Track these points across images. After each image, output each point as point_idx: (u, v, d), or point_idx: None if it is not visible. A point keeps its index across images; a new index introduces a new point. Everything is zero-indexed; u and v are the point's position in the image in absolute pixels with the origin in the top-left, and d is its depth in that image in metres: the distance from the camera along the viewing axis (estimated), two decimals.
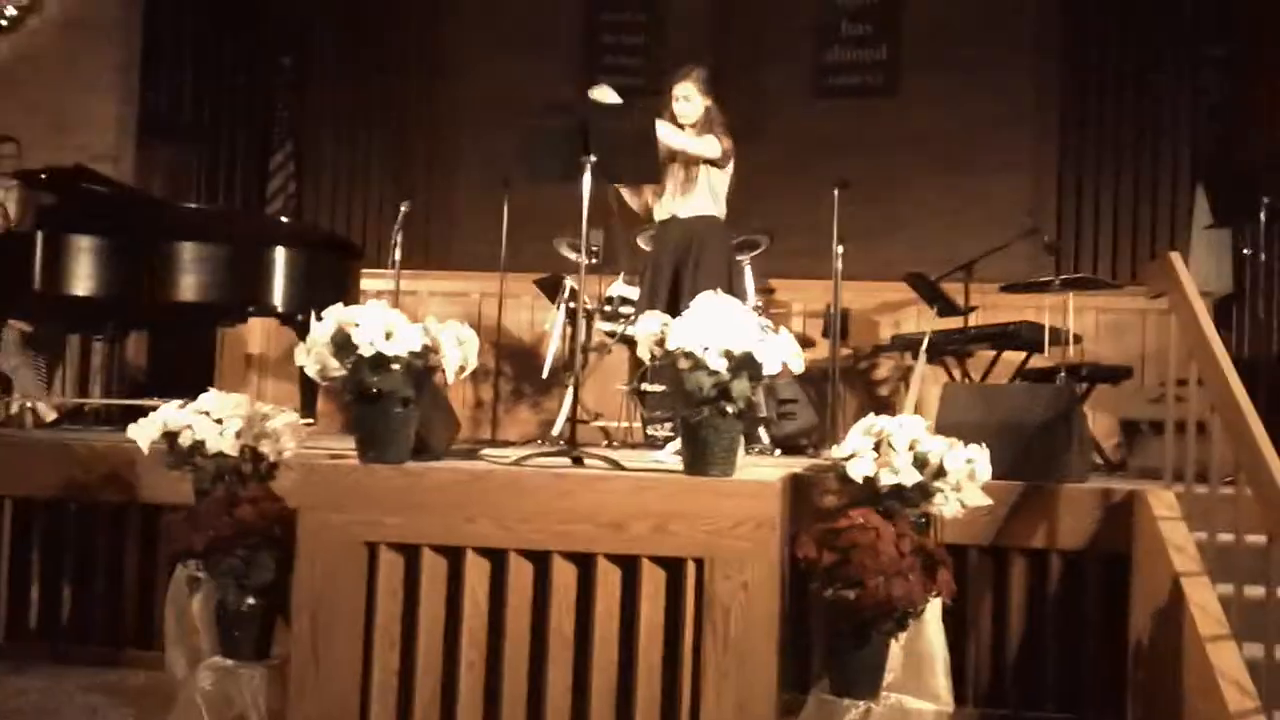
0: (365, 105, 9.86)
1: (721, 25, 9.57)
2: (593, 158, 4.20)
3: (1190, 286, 4.05)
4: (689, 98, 5.20)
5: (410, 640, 3.52)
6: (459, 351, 3.61)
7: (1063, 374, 5.90)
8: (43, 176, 5.90)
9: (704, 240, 5.15)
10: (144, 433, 3.98)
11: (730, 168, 5.27)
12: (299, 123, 9.76)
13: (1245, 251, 5.99)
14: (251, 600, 3.67)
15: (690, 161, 5.18)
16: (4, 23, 7.74)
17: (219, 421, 3.90)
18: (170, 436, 3.93)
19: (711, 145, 5.13)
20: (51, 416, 5.90)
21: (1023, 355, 6.35)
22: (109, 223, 5.65)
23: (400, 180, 9.69)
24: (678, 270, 5.14)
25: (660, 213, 5.29)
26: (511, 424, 7.29)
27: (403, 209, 6.71)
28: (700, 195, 5.20)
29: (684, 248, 5.16)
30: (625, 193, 5.37)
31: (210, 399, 3.97)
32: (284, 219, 8.31)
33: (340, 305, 3.64)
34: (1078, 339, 6.40)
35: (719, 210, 5.26)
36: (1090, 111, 8.98)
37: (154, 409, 4.06)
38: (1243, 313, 7.45)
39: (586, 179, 4.20)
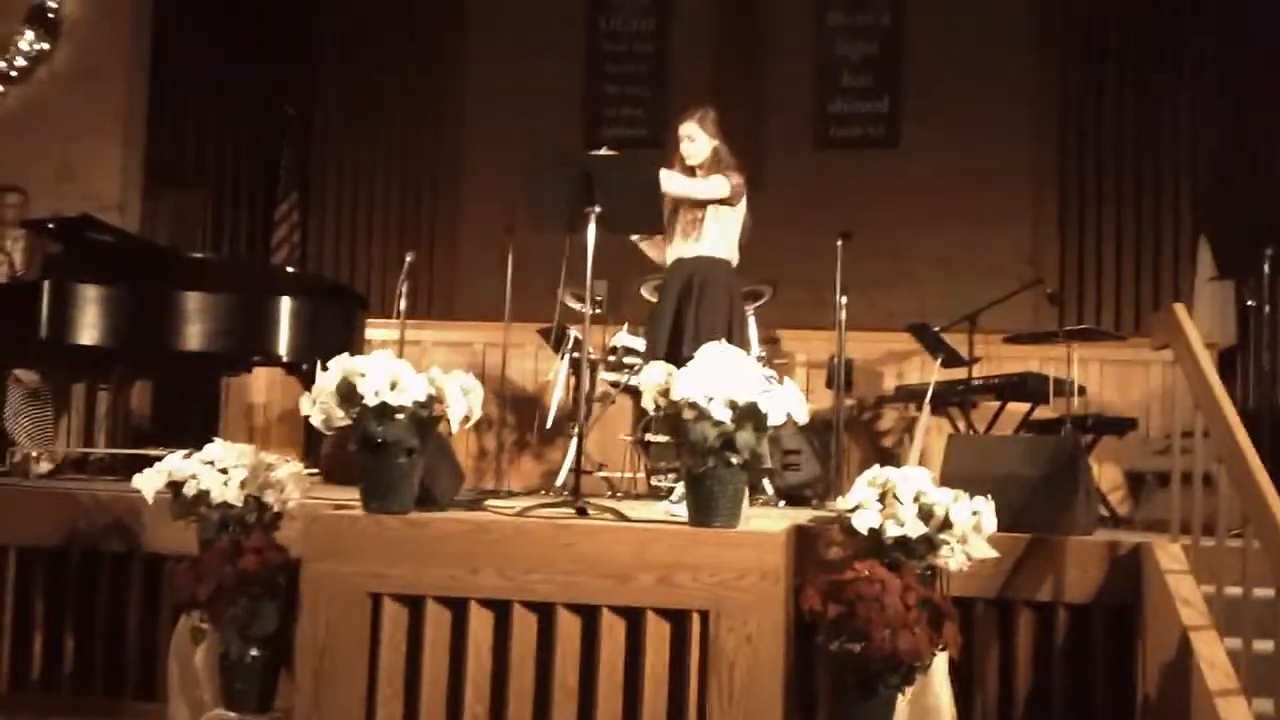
0: (370, 155, 9.95)
1: (724, 77, 9.65)
2: (597, 208, 4.23)
3: (1195, 338, 4.06)
4: (693, 137, 5.08)
5: (414, 691, 3.50)
6: (464, 401, 3.62)
7: (1068, 425, 5.89)
8: (50, 226, 5.93)
9: (705, 279, 5.00)
10: (149, 482, 3.98)
11: (743, 207, 5.14)
12: (304, 172, 9.84)
13: (1249, 303, 6.00)
14: (255, 651, 3.65)
15: (697, 204, 5.04)
16: (14, 74, 7.82)
17: (224, 471, 3.90)
18: (175, 486, 3.93)
19: (718, 186, 5.00)
20: (48, 468, 5.90)
21: (1027, 406, 6.34)
22: (115, 272, 5.68)
23: (405, 230, 9.75)
24: (679, 311, 5.00)
25: (669, 257, 5.15)
26: (515, 474, 7.27)
27: (408, 259, 6.74)
28: (707, 238, 5.04)
29: (685, 288, 5.01)
30: (645, 245, 5.30)
31: (215, 449, 3.97)
32: (289, 268, 8.34)
33: (345, 355, 3.66)
34: (1082, 390, 6.40)
35: (728, 252, 5.13)
36: (1090, 162, 9.04)
37: (159, 458, 4.06)
38: (1247, 364, 7.46)
39: (591, 230, 4.23)
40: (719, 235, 5.07)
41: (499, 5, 9.92)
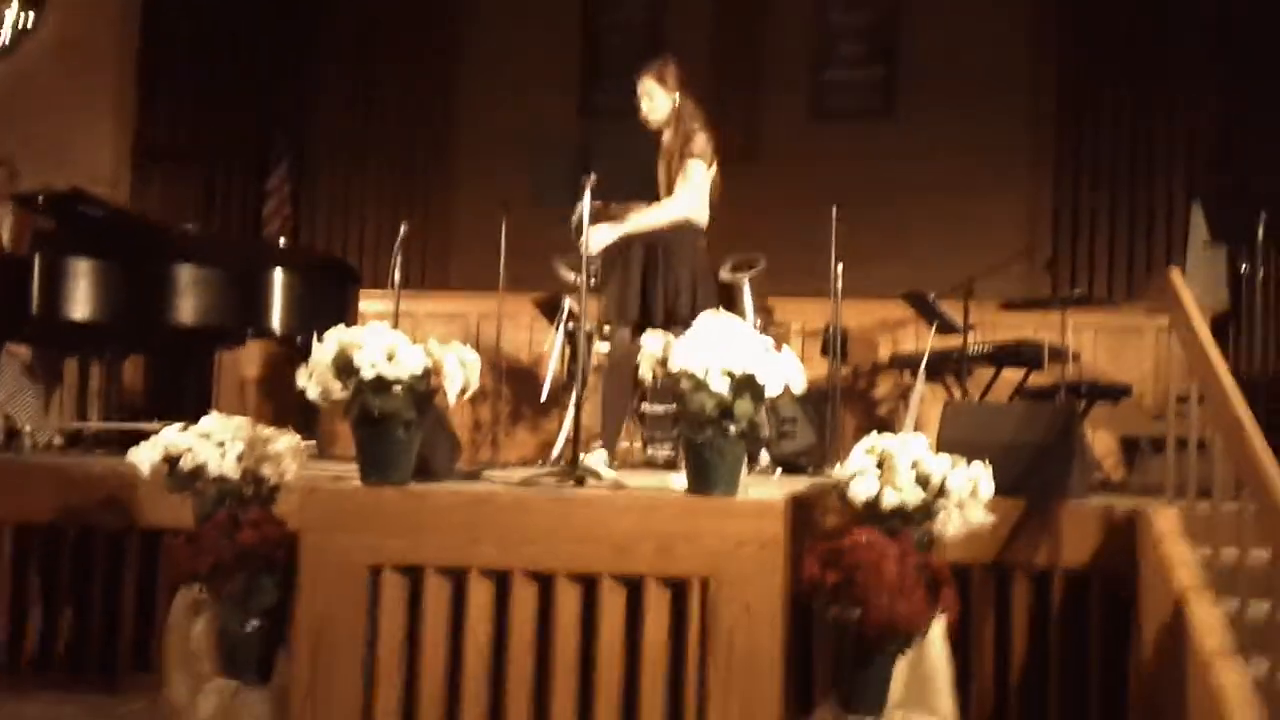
0: (363, 127, 9.89)
1: (719, 46, 9.61)
2: (593, 176, 4.21)
3: (1191, 303, 4.06)
4: (651, 94, 4.94)
5: (413, 662, 3.51)
6: (462, 373, 3.61)
7: (1062, 392, 5.90)
8: (39, 200, 5.89)
9: (669, 246, 4.89)
10: (145, 456, 3.97)
11: (714, 168, 5.00)
12: (297, 145, 9.79)
13: (1242, 269, 6.00)
14: (254, 623, 3.66)
15: (670, 168, 4.90)
16: None
17: (220, 444, 3.89)
18: (171, 460, 3.92)
19: (670, 208, 4.85)
20: (53, 440, 5.88)
21: (1022, 373, 6.36)
22: (106, 246, 5.65)
23: (398, 202, 9.71)
24: (645, 277, 4.89)
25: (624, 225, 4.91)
26: (511, 446, 7.27)
27: (402, 230, 6.70)
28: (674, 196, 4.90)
29: (650, 255, 4.89)
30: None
31: (212, 422, 3.96)
32: (281, 241, 8.31)
33: (340, 327, 3.65)
34: (1076, 357, 6.41)
35: (697, 213, 5.00)
36: (1086, 130, 9.02)
37: (154, 432, 4.05)
38: (1240, 330, 7.47)
39: (586, 197, 4.21)
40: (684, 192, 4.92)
41: None
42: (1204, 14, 8.68)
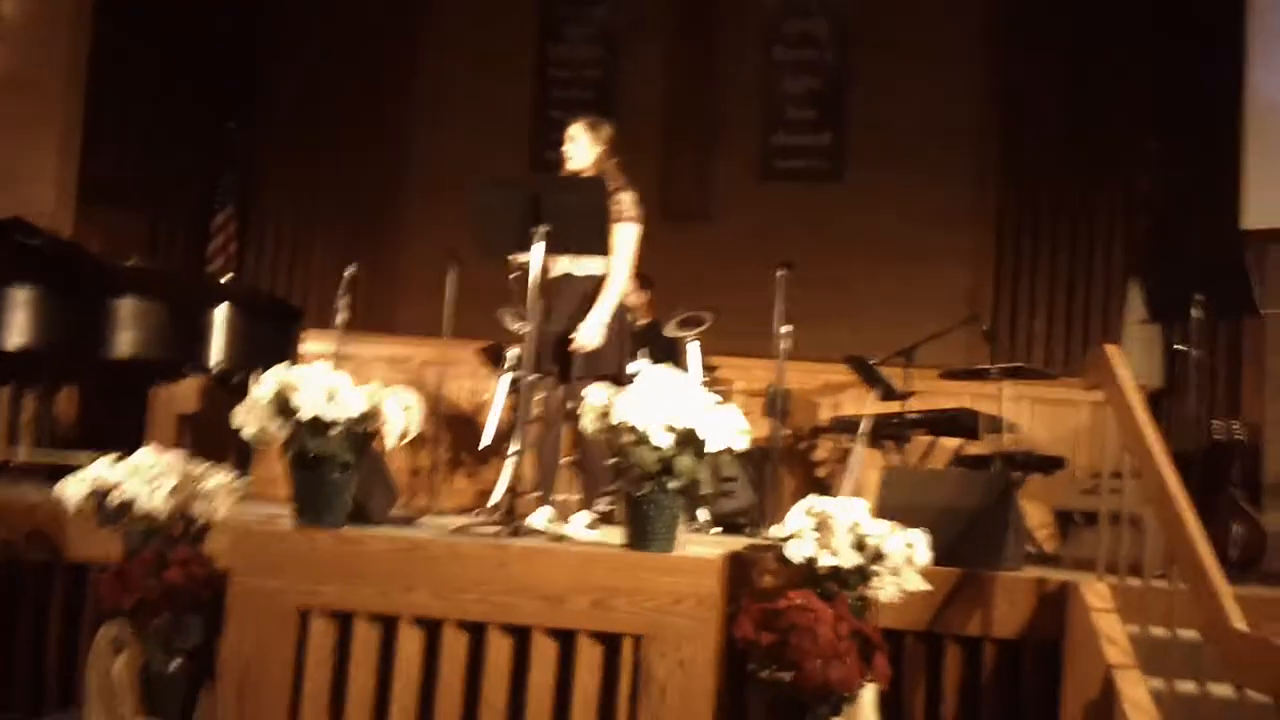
0: (312, 168, 9.85)
1: (671, 108, 9.73)
2: (545, 228, 4.22)
3: (1127, 378, 4.13)
4: (574, 137, 4.93)
5: (339, 710, 3.45)
6: (402, 417, 3.59)
7: (998, 461, 5.96)
8: None
9: (589, 305, 4.83)
10: (73, 490, 3.89)
11: (638, 226, 4.94)
12: (244, 185, 9.73)
13: (1177, 347, 6.12)
14: (177, 663, 3.58)
15: None
16: None
17: (151, 480, 3.82)
18: (100, 494, 3.84)
19: (620, 273, 4.82)
20: None
21: (959, 441, 6.42)
22: (46, 277, 5.57)
23: (346, 246, 9.65)
24: (564, 336, 4.82)
25: (555, 268, 4.86)
26: (449, 493, 7.21)
27: (348, 272, 6.67)
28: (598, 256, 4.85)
29: (577, 310, 4.83)
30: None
31: (143, 456, 3.90)
32: (223, 279, 8.23)
33: (281, 366, 3.61)
34: (1013, 427, 6.49)
35: (609, 262, 4.88)
36: (1028, 204, 9.20)
37: (84, 465, 3.97)
38: (1173, 407, 7.61)
39: (538, 249, 4.22)
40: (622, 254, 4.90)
41: (449, 25, 9.91)
42: (1143, 93, 8.91)
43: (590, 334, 4.73)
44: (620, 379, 4.58)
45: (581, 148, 4.93)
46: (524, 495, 4.52)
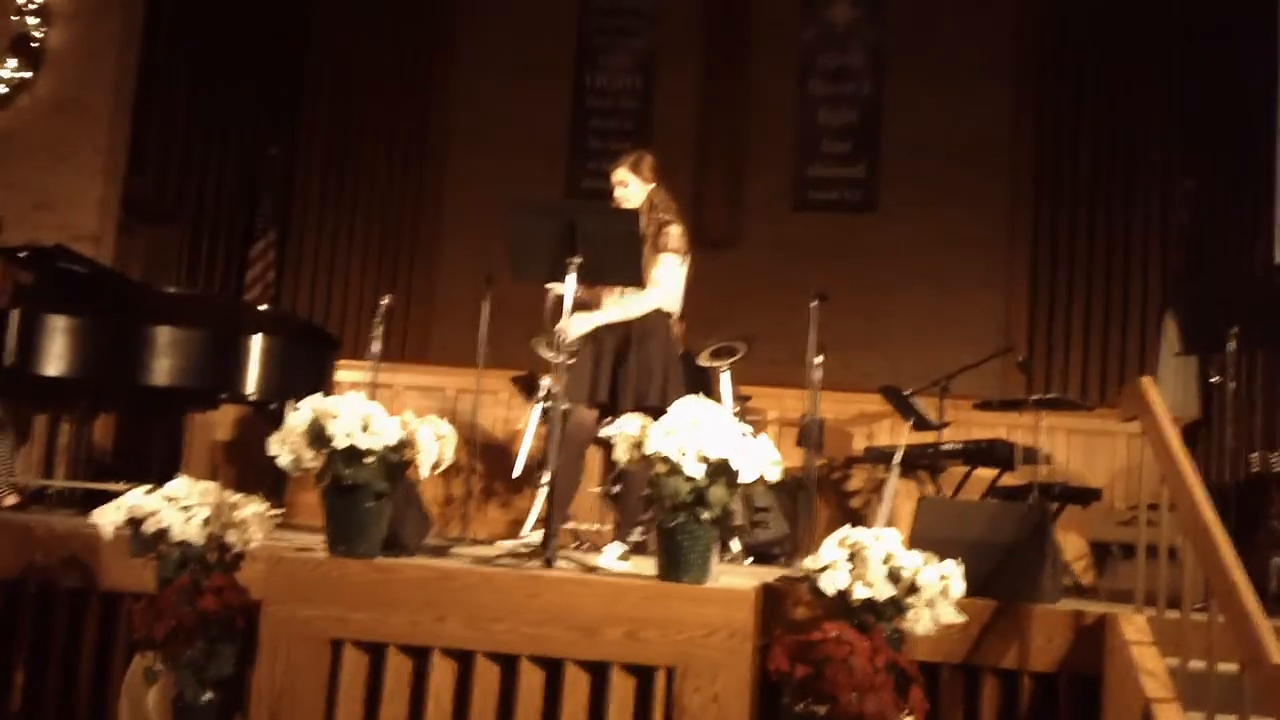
0: (351, 198, 9.95)
1: (705, 135, 9.76)
2: (578, 259, 4.23)
3: (1163, 411, 4.09)
4: (625, 183, 4.90)
5: None
6: (436, 446, 3.60)
7: (1035, 492, 5.91)
8: (22, 254, 5.87)
9: (645, 330, 4.82)
10: (108, 517, 3.91)
11: (687, 259, 4.96)
12: (283, 212, 9.82)
13: (1213, 379, 6.06)
14: (209, 694, 3.59)
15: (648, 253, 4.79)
16: None
17: (186, 509, 3.84)
18: (135, 522, 3.86)
19: (648, 298, 4.79)
20: (13, 501, 5.79)
21: (995, 472, 6.37)
22: (86, 303, 5.63)
23: (382, 274, 9.74)
24: (616, 362, 4.80)
25: (605, 303, 4.83)
26: (481, 522, 7.21)
27: (384, 301, 6.70)
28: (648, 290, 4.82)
29: (624, 338, 4.81)
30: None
31: (178, 485, 3.91)
32: (261, 307, 8.30)
33: (316, 395, 3.63)
34: (1049, 458, 6.43)
35: (670, 303, 4.94)
36: (1063, 235, 9.17)
37: (120, 493, 3.99)
38: (1210, 439, 7.52)
39: (571, 279, 4.23)
40: (659, 288, 4.87)
41: (486, 53, 9.99)
42: (1181, 124, 8.86)
43: (574, 325, 4.54)
44: (664, 411, 4.56)
45: (633, 190, 4.90)
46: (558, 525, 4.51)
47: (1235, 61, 8.40)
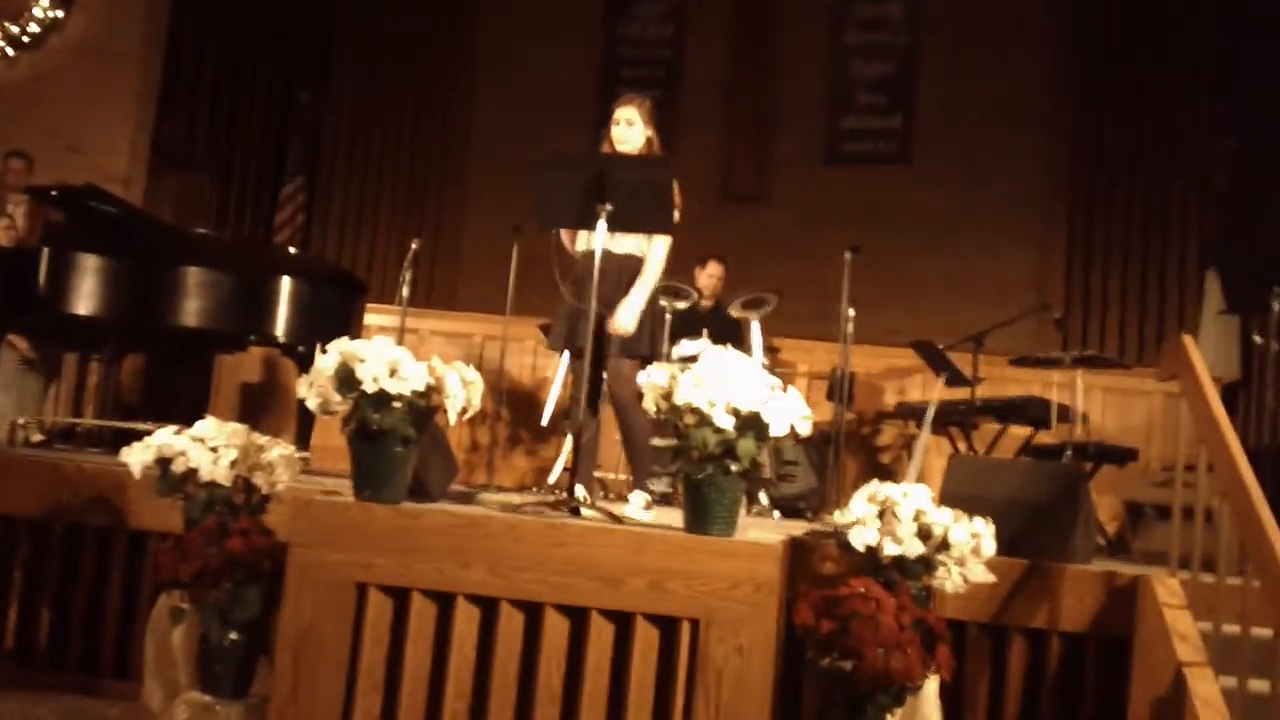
0: (380, 143, 9.91)
1: (736, 87, 9.64)
2: (609, 206, 4.16)
3: (1203, 371, 4.01)
4: (631, 121, 4.84)
5: (394, 685, 3.44)
6: (464, 393, 3.56)
7: (1069, 452, 5.84)
8: (53, 193, 5.87)
9: (631, 282, 4.78)
10: (137, 457, 3.90)
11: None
12: (312, 157, 9.80)
13: (1256, 339, 5.96)
14: (234, 635, 3.58)
15: None
16: (26, 39, 7.78)
17: (214, 450, 3.83)
18: (164, 462, 3.86)
19: (658, 259, 4.80)
20: (39, 437, 5.83)
21: (1028, 430, 6.30)
22: (116, 244, 5.62)
23: (410, 219, 9.71)
24: (601, 318, 4.70)
25: (589, 246, 4.65)
26: (507, 470, 7.22)
27: (413, 246, 6.66)
28: (634, 235, 4.79)
29: (615, 287, 4.77)
30: (564, 235, 4.99)
31: (207, 427, 3.90)
32: (290, 249, 8.29)
33: (344, 339, 3.60)
34: (1084, 417, 6.35)
35: (651, 248, 4.87)
36: (1100, 192, 9.03)
37: (148, 433, 3.99)
38: (1249, 400, 7.42)
39: (601, 227, 4.17)
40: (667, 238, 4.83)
41: (516, 2, 9.88)
42: (1221, 83, 8.68)
43: (628, 318, 4.71)
44: (654, 359, 4.55)
45: (637, 131, 4.86)
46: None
47: (1276, 18, 8.20)
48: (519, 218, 6.28)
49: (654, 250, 4.83)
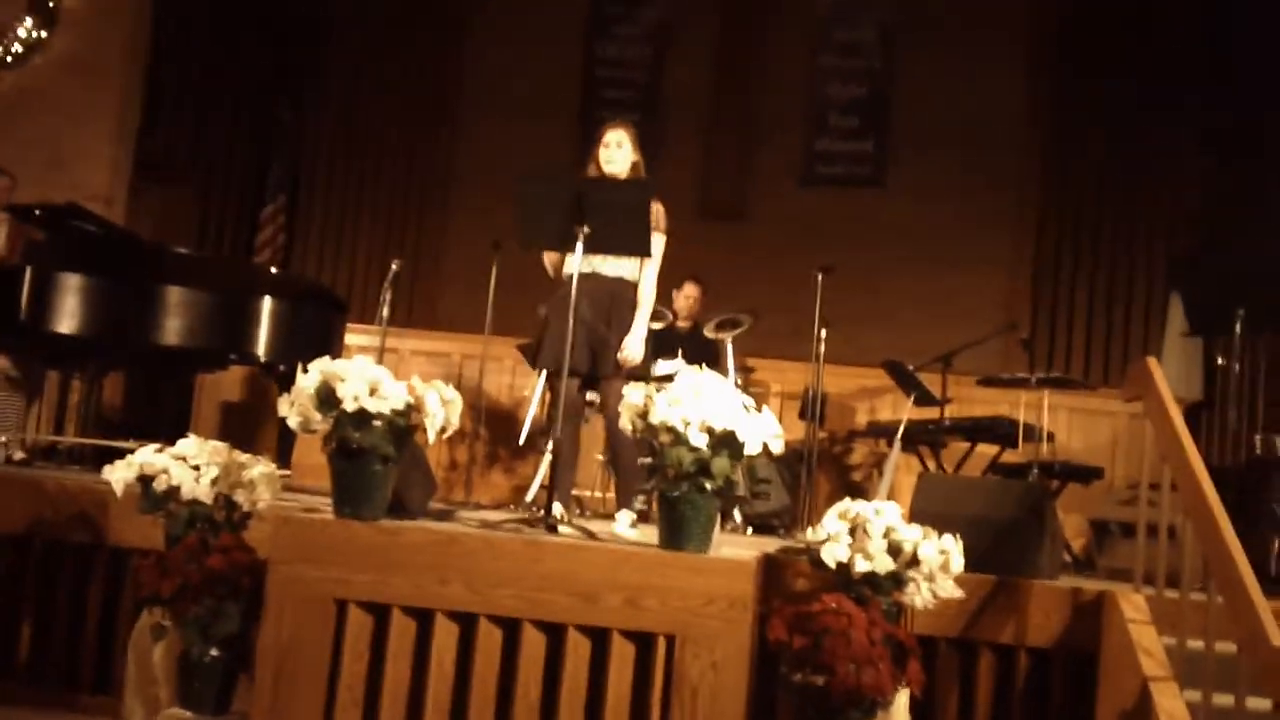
0: (361, 162, 9.95)
1: (715, 106, 9.74)
2: (586, 229, 4.24)
3: (1167, 392, 4.11)
4: (621, 144, 4.88)
5: (374, 701, 3.49)
6: (443, 412, 3.62)
7: (1035, 470, 5.94)
8: (36, 212, 5.89)
9: (620, 305, 4.84)
10: (119, 474, 3.94)
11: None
12: (293, 175, 9.83)
13: (1219, 361, 6.08)
14: (215, 651, 3.63)
15: None
16: (9, 60, 7.81)
17: (196, 468, 3.87)
18: (146, 480, 3.90)
19: (651, 284, 4.89)
20: (21, 455, 5.84)
21: (996, 449, 6.40)
22: (98, 262, 5.65)
23: (390, 239, 9.75)
24: (594, 335, 4.80)
25: (582, 266, 4.55)
26: (485, 487, 7.26)
27: (394, 266, 6.72)
28: (626, 259, 4.85)
29: (605, 309, 4.82)
30: (549, 259, 5.00)
31: (189, 444, 3.95)
32: (272, 269, 8.33)
33: (325, 358, 3.65)
34: (1050, 437, 6.46)
35: (643, 274, 4.93)
36: (1069, 213, 9.17)
37: (130, 450, 4.03)
38: (1213, 421, 7.55)
39: (579, 249, 4.25)
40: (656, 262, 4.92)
41: (498, 21, 9.96)
42: (1190, 103, 8.83)
43: (636, 348, 4.77)
44: (645, 378, 4.61)
45: (625, 154, 4.90)
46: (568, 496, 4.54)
47: (1247, 41, 8.37)
48: (499, 234, 6.35)
49: (646, 275, 4.88)
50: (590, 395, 5.92)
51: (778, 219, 9.32)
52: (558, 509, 4.36)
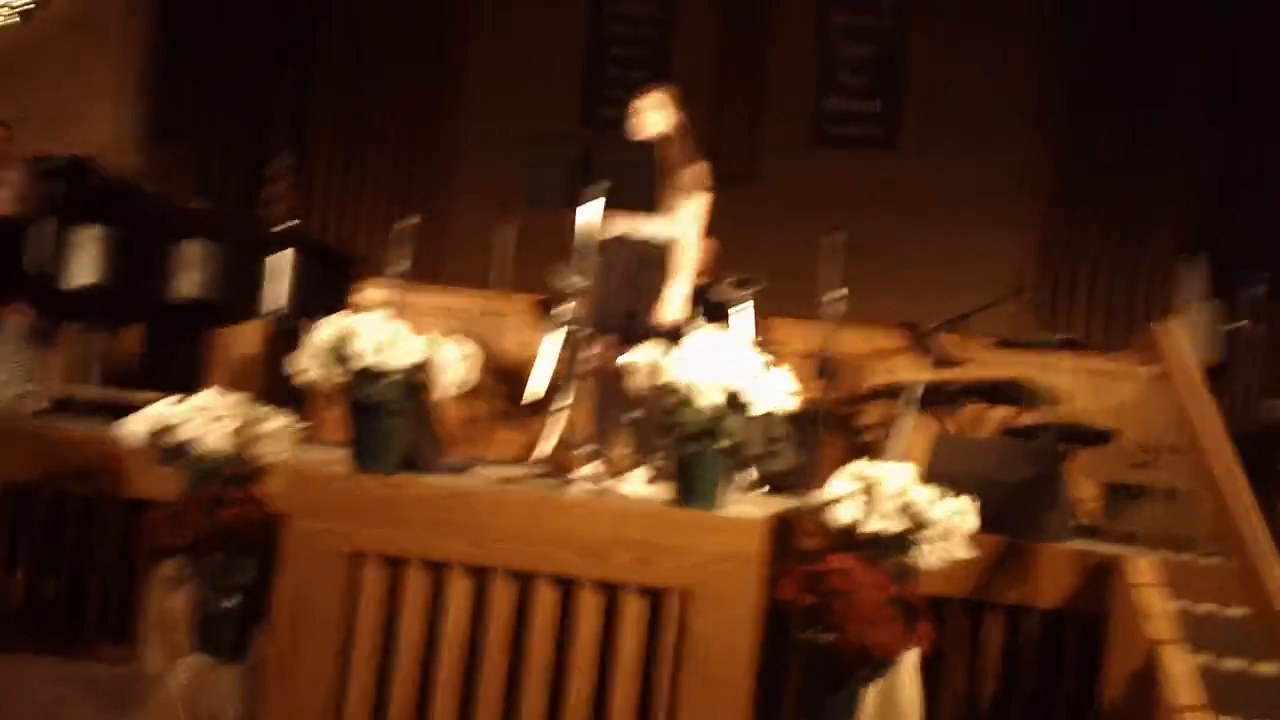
0: (368, 118, 9.90)
1: (724, 66, 9.67)
2: (595, 185, 4.23)
3: (1184, 355, 4.10)
4: (638, 111, 5.01)
5: (387, 653, 3.52)
6: (458, 367, 3.63)
7: (1048, 433, 5.93)
8: (44, 166, 5.89)
9: (652, 264, 4.95)
10: (137, 426, 3.97)
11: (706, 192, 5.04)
12: (300, 131, 9.79)
13: (1237, 324, 6.06)
14: (232, 602, 3.66)
15: (669, 184, 4.88)
16: (16, 17, 7.77)
17: (216, 420, 3.90)
18: (165, 431, 3.92)
19: (692, 242, 4.97)
20: (39, 406, 5.87)
21: (1009, 411, 6.39)
22: (108, 217, 5.67)
23: (398, 194, 9.72)
24: (631, 291, 4.92)
25: (612, 228, 4.79)
26: (498, 444, 7.27)
27: (409, 222, 6.71)
28: (662, 218, 4.93)
29: (634, 271, 4.92)
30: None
31: (208, 396, 3.97)
32: (280, 225, 8.31)
33: (339, 313, 3.66)
34: (1065, 399, 6.44)
35: (682, 233, 5.05)
36: (1084, 177, 9.08)
37: (147, 403, 4.05)
38: (1229, 384, 7.52)
39: (595, 205, 4.23)
40: (673, 217, 4.98)
41: None
42: (1207, 65, 8.74)
43: (672, 310, 4.80)
44: (677, 337, 4.62)
45: (645, 121, 5.01)
46: (574, 449, 4.56)
47: (1267, 13, 8.27)
48: (506, 193, 6.33)
49: (688, 240, 4.94)
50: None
51: (789, 182, 9.26)
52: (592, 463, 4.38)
